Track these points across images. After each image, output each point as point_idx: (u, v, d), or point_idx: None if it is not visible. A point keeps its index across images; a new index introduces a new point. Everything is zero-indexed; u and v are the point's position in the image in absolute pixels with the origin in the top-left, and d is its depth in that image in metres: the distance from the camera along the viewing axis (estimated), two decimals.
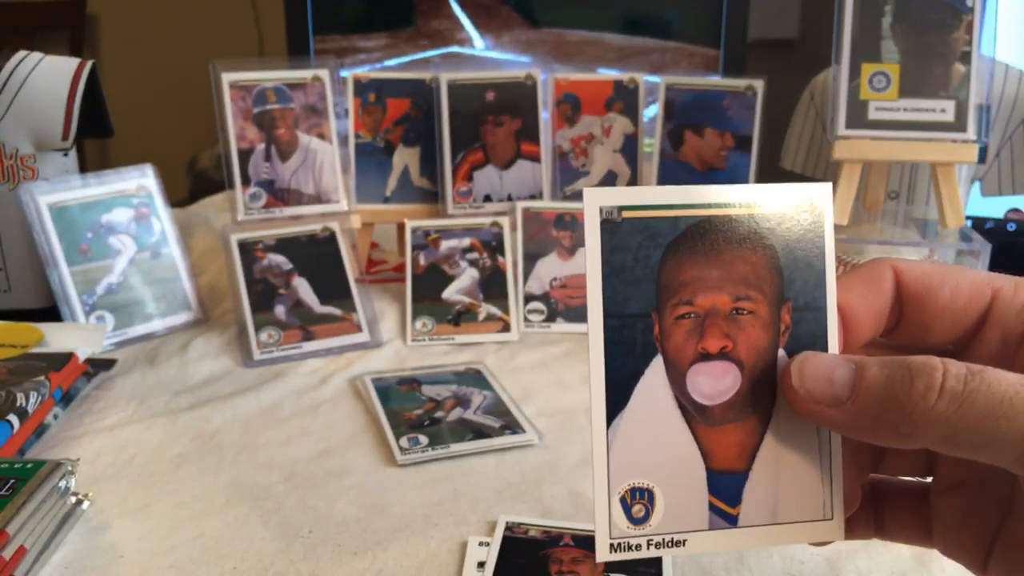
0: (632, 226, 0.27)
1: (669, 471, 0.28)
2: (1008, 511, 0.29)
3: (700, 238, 0.28)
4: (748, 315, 0.28)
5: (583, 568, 0.43)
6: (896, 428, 0.25)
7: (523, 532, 0.46)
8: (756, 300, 0.28)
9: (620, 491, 0.28)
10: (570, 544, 0.45)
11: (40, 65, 0.77)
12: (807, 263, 0.28)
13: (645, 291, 0.28)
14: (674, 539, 0.28)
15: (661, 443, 0.28)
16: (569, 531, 0.46)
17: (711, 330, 0.28)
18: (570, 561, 0.44)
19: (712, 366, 0.28)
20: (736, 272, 0.28)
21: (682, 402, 0.28)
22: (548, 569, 0.43)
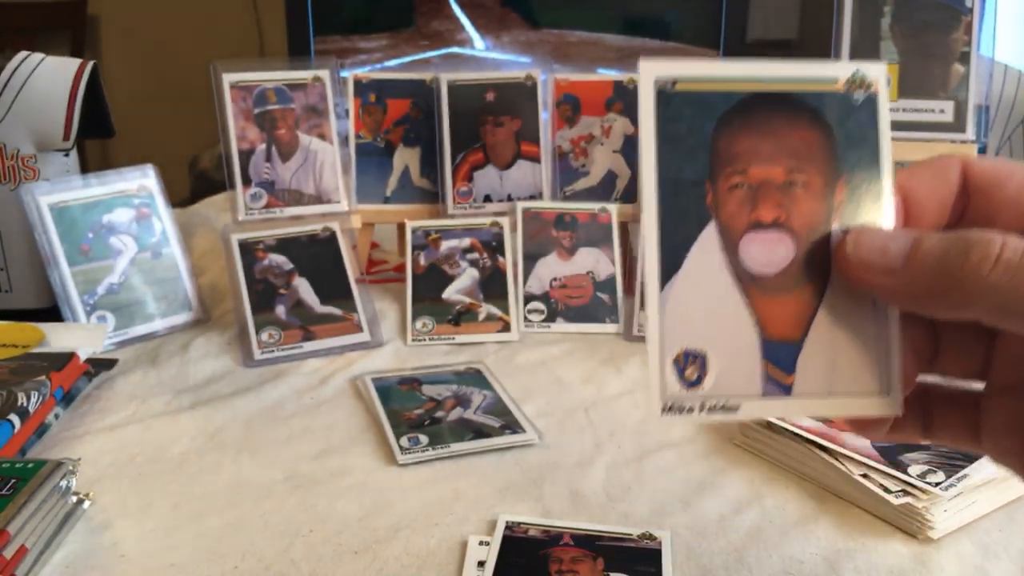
0: (686, 98, 0.28)
1: (722, 337, 0.29)
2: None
3: (754, 111, 0.28)
4: (801, 188, 0.28)
5: (583, 567, 0.43)
6: (948, 296, 0.25)
7: (523, 531, 0.46)
8: (809, 173, 0.28)
9: (673, 354, 0.28)
10: (570, 543, 0.45)
11: (41, 66, 0.77)
12: (862, 140, 0.29)
13: (699, 160, 0.28)
14: (727, 404, 0.29)
15: (714, 309, 0.29)
16: (569, 530, 0.46)
17: (764, 200, 0.28)
18: (570, 560, 0.44)
19: (766, 235, 0.28)
20: (789, 145, 0.28)
21: (736, 270, 0.29)
22: (548, 568, 0.43)
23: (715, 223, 0.28)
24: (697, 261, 0.28)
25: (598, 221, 0.81)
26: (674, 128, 0.28)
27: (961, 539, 0.46)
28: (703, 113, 0.28)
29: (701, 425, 0.60)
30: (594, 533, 0.46)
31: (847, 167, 0.29)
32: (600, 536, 0.45)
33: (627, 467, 0.54)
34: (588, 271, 0.80)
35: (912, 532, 0.46)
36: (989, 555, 0.45)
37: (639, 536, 0.45)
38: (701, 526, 0.48)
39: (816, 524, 0.48)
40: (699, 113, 0.28)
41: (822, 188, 0.29)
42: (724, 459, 0.55)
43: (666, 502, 0.50)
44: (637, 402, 0.64)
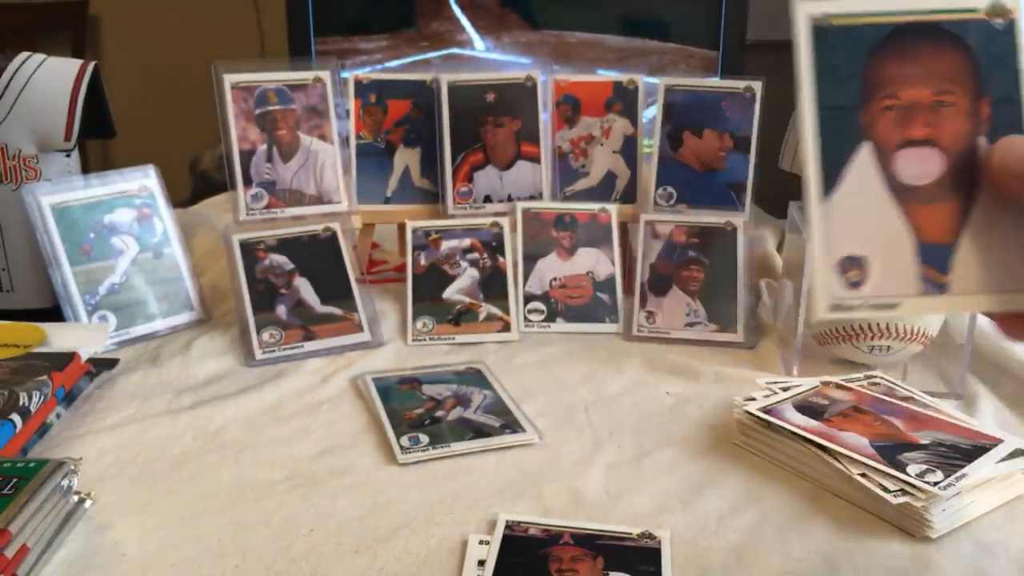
0: (839, 31, 0.32)
1: (881, 242, 0.32)
2: None
3: (902, 40, 0.32)
4: (949, 107, 0.32)
5: (583, 566, 0.43)
6: None
7: (523, 531, 0.46)
8: (956, 93, 0.32)
9: (835, 259, 0.32)
10: (570, 543, 0.45)
11: (43, 66, 0.77)
12: (1002, 62, 0.32)
13: (853, 87, 0.32)
14: (887, 302, 0.32)
15: (872, 218, 0.32)
16: (569, 529, 0.46)
17: (915, 119, 0.32)
18: (570, 560, 0.44)
19: (918, 151, 0.32)
20: (936, 69, 0.32)
21: (891, 183, 0.33)
22: (548, 568, 0.43)
23: (870, 143, 0.32)
24: (854, 177, 0.32)
25: (598, 221, 0.81)
26: (828, 59, 0.32)
27: (960, 538, 0.46)
28: (855, 44, 0.32)
29: (702, 424, 0.60)
30: (594, 532, 0.46)
31: (991, 87, 0.32)
32: (600, 535, 0.46)
33: (627, 466, 0.55)
34: (588, 271, 0.80)
35: (911, 531, 0.47)
36: (987, 554, 0.45)
37: (639, 535, 0.46)
38: (700, 525, 0.48)
39: (815, 523, 0.48)
40: (851, 44, 0.32)
41: (967, 107, 0.32)
42: (723, 459, 0.55)
43: (665, 501, 0.50)
44: (637, 401, 0.64)
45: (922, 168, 0.32)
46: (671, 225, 0.79)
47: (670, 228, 0.79)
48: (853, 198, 0.32)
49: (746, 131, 0.81)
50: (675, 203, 0.82)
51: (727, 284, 0.77)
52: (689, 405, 0.63)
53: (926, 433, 0.52)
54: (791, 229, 0.76)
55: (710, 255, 0.77)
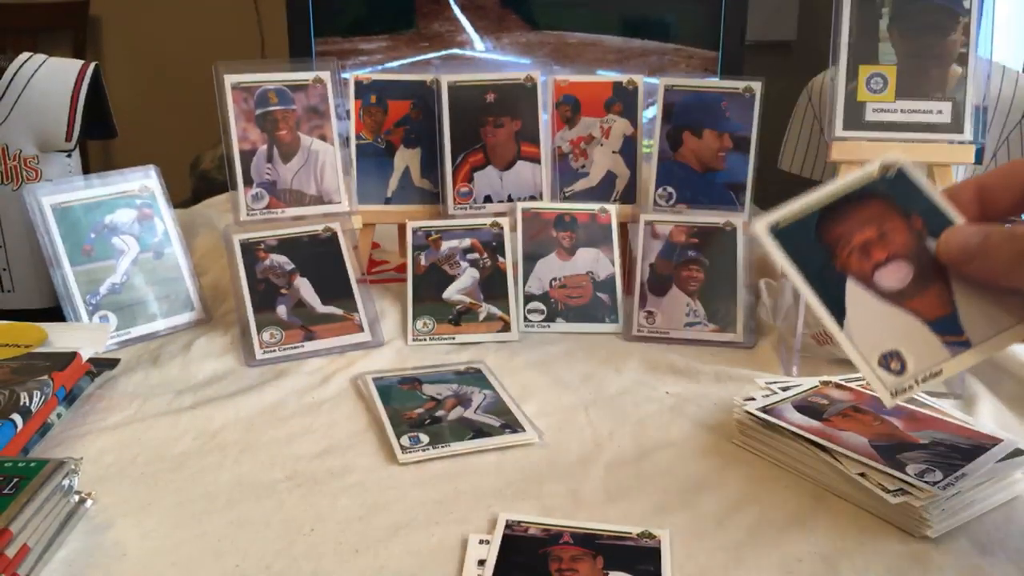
0: (790, 227, 0.43)
1: (900, 334, 0.42)
2: None
3: (834, 211, 0.43)
4: (892, 232, 0.42)
5: (583, 566, 0.43)
6: (999, 276, 0.40)
7: (523, 530, 0.46)
8: (892, 222, 0.42)
9: (875, 360, 0.42)
10: (569, 542, 0.45)
11: (44, 67, 0.78)
12: (909, 190, 0.42)
13: (819, 253, 0.43)
14: (932, 372, 0.41)
15: (883, 321, 0.42)
16: (569, 529, 0.46)
17: (872, 250, 0.43)
18: (569, 559, 0.44)
19: (887, 268, 0.42)
20: (867, 216, 0.43)
21: (881, 295, 0.42)
22: (548, 567, 0.43)
23: (851, 277, 0.43)
24: (853, 303, 0.42)
25: (598, 221, 0.81)
26: (793, 245, 0.43)
27: (959, 538, 0.46)
28: (805, 228, 0.43)
29: (701, 424, 0.60)
30: (593, 532, 0.46)
31: (911, 207, 0.42)
32: (599, 535, 0.46)
33: (626, 466, 0.55)
34: (588, 271, 0.80)
35: (910, 531, 0.47)
36: (987, 554, 0.45)
37: (638, 535, 0.46)
38: (700, 525, 0.48)
39: (814, 523, 0.48)
40: (803, 230, 0.43)
41: (904, 226, 0.42)
42: (723, 458, 0.55)
43: (665, 501, 0.50)
44: (637, 401, 0.64)
45: (896, 277, 0.42)
46: (671, 225, 0.79)
47: (670, 228, 0.79)
48: (862, 317, 0.42)
49: (746, 131, 0.81)
50: (675, 203, 0.82)
51: (727, 284, 0.77)
52: (689, 405, 0.63)
53: (926, 433, 0.52)
54: None
55: (710, 255, 0.77)
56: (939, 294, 0.41)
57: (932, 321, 0.41)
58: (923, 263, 0.42)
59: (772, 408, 0.55)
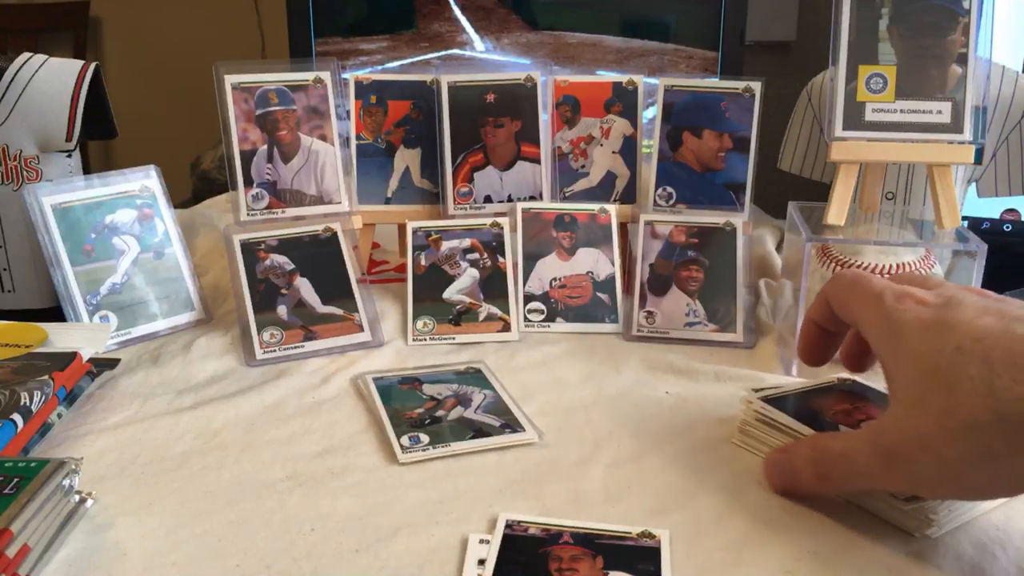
0: None
1: None
2: None
3: None
4: None
5: (582, 566, 0.43)
6: (796, 488, 0.50)
7: (523, 530, 0.46)
8: None
9: None
10: (569, 542, 0.45)
11: (44, 67, 0.78)
12: None
13: None
14: None
15: None
16: (569, 528, 0.46)
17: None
18: (569, 559, 0.44)
19: None
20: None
21: None
22: (548, 566, 0.43)
23: None
24: None
25: (598, 221, 0.82)
26: None
27: (959, 538, 0.46)
28: None
29: (701, 423, 0.60)
30: (593, 532, 0.46)
31: None
32: (599, 534, 0.46)
33: (626, 466, 0.55)
34: (588, 271, 0.80)
35: (910, 530, 0.47)
36: (987, 554, 0.45)
37: (638, 534, 0.46)
38: (700, 525, 0.48)
39: (814, 523, 0.48)
40: None
41: None
42: (723, 458, 0.55)
43: (665, 501, 0.50)
44: (637, 401, 0.64)
45: None
46: (671, 225, 0.79)
47: (669, 228, 0.79)
48: None
49: (745, 131, 0.81)
50: (674, 203, 0.83)
51: (726, 284, 0.77)
52: (688, 405, 0.63)
53: None
54: (790, 229, 0.76)
55: (709, 255, 0.78)
56: None
57: None
58: None
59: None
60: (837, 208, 0.69)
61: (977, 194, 0.89)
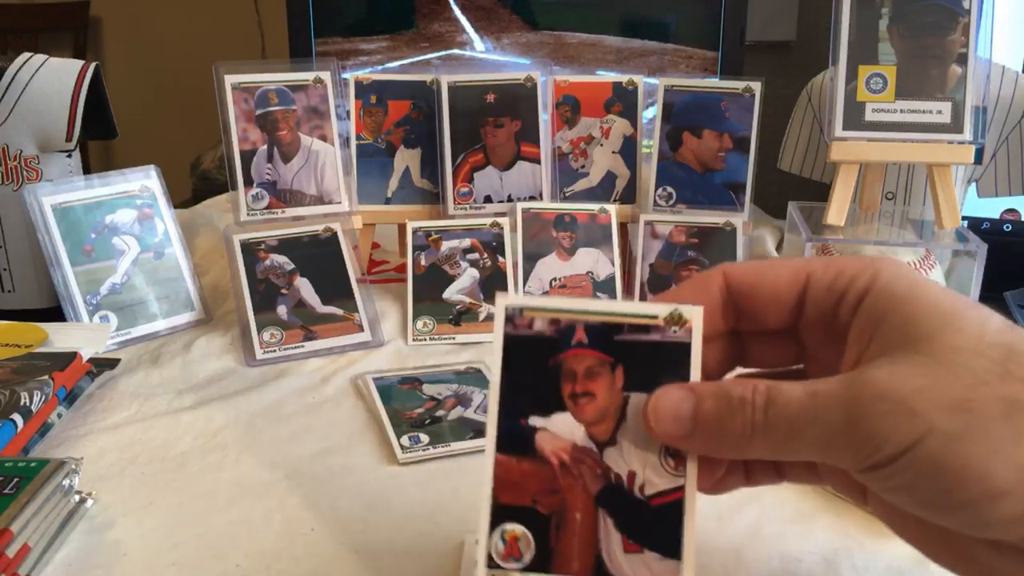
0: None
1: None
2: None
3: None
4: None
5: (599, 384, 0.34)
6: (732, 452, 0.32)
7: (527, 325, 0.34)
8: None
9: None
10: (584, 341, 0.34)
11: (44, 67, 0.78)
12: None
13: None
14: None
15: None
16: (583, 318, 0.34)
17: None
18: (584, 375, 0.34)
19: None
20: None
21: None
22: (560, 386, 0.34)
23: None
24: None
25: (598, 222, 0.82)
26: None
27: None
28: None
29: None
30: (613, 322, 0.34)
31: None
32: (619, 325, 0.34)
33: None
34: (588, 271, 0.80)
35: None
36: None
37: (667, 318, 0.33)
38: (699, 525, 0.48)
39: (815, 523, 0.48)
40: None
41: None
42: None
43: None
44: None
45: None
46: (670, 225, 0.79)
47: (669, 228, 0.79)
48: None
49: (745, 131, 0.81)
50: (674, 203, 0.83)
51: None
52: None
53: None
54: (790, 229, 0.76)
55: (709, 255, 0.78)
56: None
57: None
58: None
59: None
60: (837, 208, 0.69)
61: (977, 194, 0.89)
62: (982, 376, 0.28)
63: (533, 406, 0.34)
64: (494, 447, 0.33)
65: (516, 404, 0.34)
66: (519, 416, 0.33)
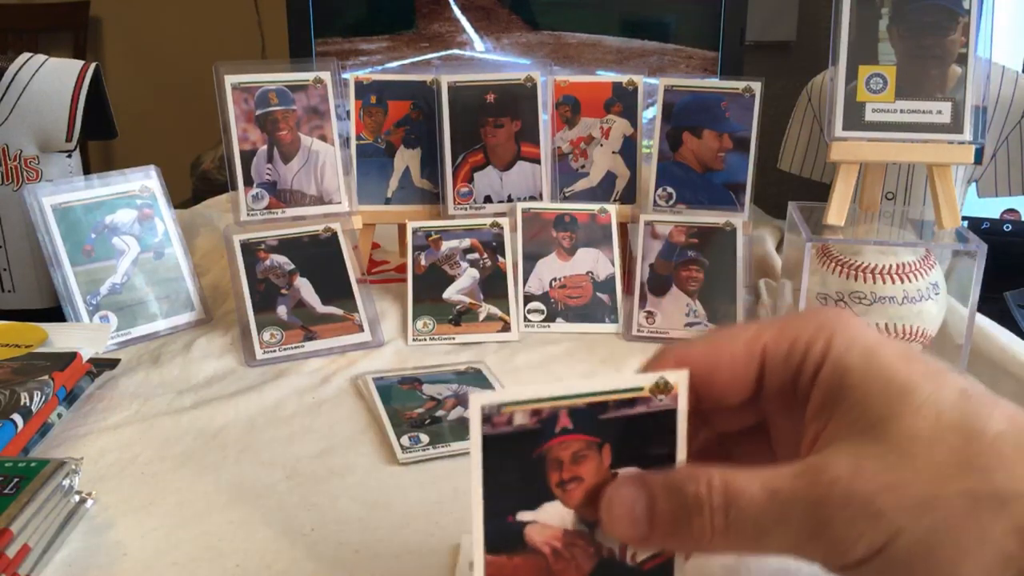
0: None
1: None
2: None
3: None
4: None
5: (587, 467, 0.33)
6: (694, 551, 0.32)
7: (505, 421, 0.32)
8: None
9: None
10: (568, 428, 0.32)
11: (44, 67, 0.78)
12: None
13: None
14: None
15: None
16: (565, 403, 0.32)
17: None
18: (571, 460, 0.33)
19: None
20: None
21: None
22: (547, 477, 0.32)
23: None
24: None
25: (598, 222, 0.82)
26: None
27: None
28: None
29: None
30: (597, 401, 0.33)
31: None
32: (604, 404, 0.33)
33: None
34: (588, 271, 0.80)
35: None
36: None
37: (652, 388, 0.33)
38: None
39: None
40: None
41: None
42: None
43: None
44: None
45: None
46: (670, 225, 0.79)
47: (669, 228, 0.79)
48: None
49: (745, 131, 0.81)
50: (674, 203, 0.83)
51: (726, 284, 0.77)
52: None
53: None
54: (790, 229, 0.76)
55: (709, 255, 0.78)
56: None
57: None
58: None
59: None
60: (837, 208, 0.69)
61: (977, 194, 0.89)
62: (943, 470, 0.27)
63: (520, 502, 0.32)
64: (482, 552, 0.32)
65: (501, 503, 0.32)
66: (506, 515, 0.32)
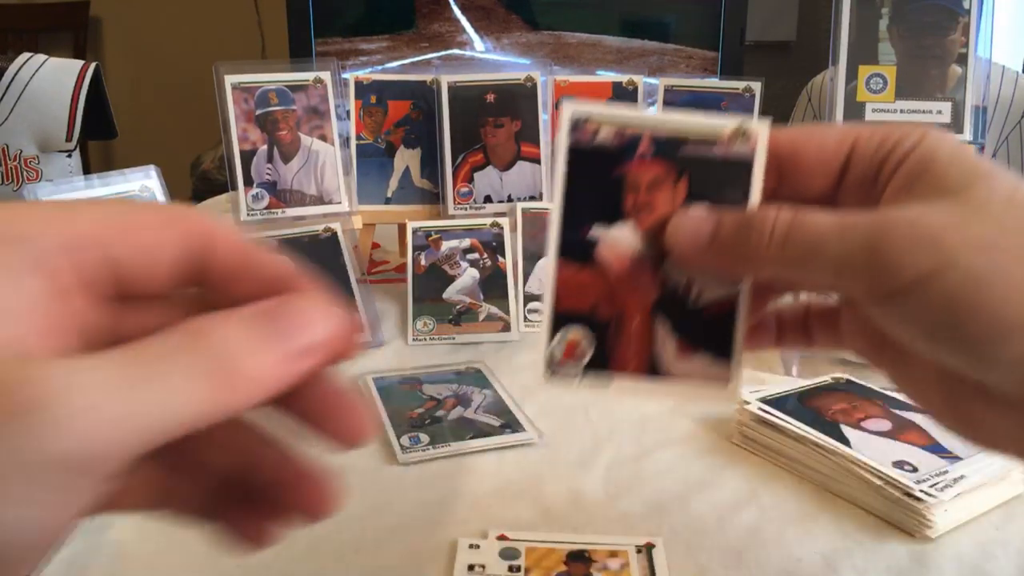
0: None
1: None
2: None
3: None
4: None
5: (662, 196, 0.33)
6: (744, 264, 0.32)
7: (591, 133, 0.33)
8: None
9: None
10: (649, 153, 0.33)
11: (44, 67, 0.78)
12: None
13: None
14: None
15: None
16: (648, 128, 0.33)
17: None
18: (647, 187, 0.33)
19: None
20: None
21: None
22: (622, 198, 0.33)
23: None
24: None
25: None
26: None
27: (959, 538, 0.46)
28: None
29: (701, 424, 0.60)
30: (678, 136, 0.33)
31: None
32: (684, 139, 0.33)
33: (626, 466, 0.55)
34: None
35: (910, 531, 0.47)
36: (987, 554, 0.45)
37: (731, 133, 0.33)
38: (700, 525, 0.48)
39: (814, 523, 0.48)
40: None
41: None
42: (722, 458, 0.55)
43: (665, 501, 0.50)
44: (636, 401, 0.64)
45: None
46: None
47: None
48: None
49: None
50: None
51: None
52: (689, 405, 0.63)
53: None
54: None
55: None
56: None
57: None
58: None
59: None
60: None
61: None
62: (1010, 225, 0.28)
63: (595, 216, 0.33)
64: (556, 256, 0.33)
65: (578, 214, 0.33)
66: (580, 226, 0.33)
